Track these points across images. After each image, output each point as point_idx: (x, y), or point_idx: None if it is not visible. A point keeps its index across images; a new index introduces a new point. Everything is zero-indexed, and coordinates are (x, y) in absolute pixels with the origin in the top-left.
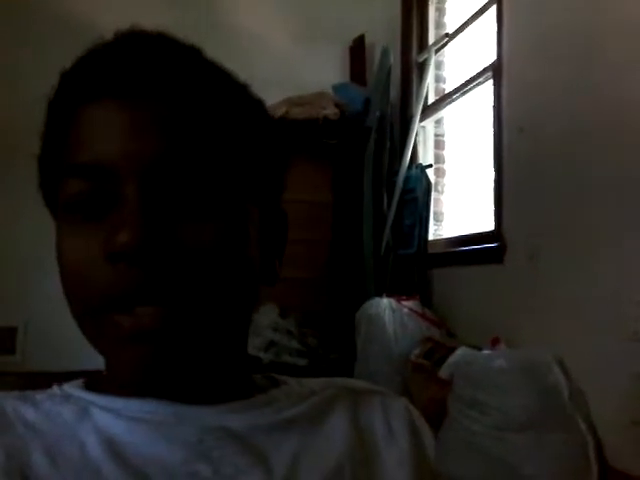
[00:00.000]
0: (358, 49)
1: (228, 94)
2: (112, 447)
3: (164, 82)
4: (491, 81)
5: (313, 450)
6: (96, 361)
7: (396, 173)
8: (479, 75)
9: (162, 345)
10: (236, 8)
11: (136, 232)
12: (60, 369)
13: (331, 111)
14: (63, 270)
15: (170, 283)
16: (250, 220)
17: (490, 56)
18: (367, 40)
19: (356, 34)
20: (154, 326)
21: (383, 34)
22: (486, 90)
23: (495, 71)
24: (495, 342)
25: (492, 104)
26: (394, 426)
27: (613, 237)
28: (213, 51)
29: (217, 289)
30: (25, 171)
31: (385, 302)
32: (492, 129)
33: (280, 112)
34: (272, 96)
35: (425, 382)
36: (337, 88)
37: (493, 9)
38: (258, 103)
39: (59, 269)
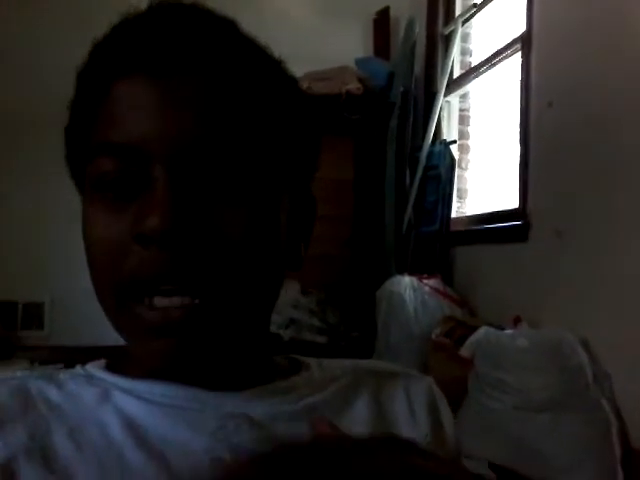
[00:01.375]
0: (382, 22)
1: (264, 72)
2: (134, 430)
3: (200, 59)
4: (520, 53)
5: None
6: (119, 336)
7: (419, 149)
8: (507, 47)
9: (187, 337)
10: None
11: (166, 216)
12: (87, 344)
13: (354, 86)
14: (90, 248)
15: (198, 268)
16: (281, 205)
17: (519, 27)
18: (392, 13)
19: (380, 6)
20: (180, 318)
21: (408, 6)
22: (514, 63)
23: (524, 42)
24: (517, 321)
25: (520, 77)
26: (416, 409)
27: None
28: None
29: (245, 277)
30: (53, 150)
31: (406, 280)
32: (519, 103)
33: (302, 87)
34: (294, 70)
35: (446, 361)
36: (360, 62)
37: None
38: (292, 81)
39: (85, 247)
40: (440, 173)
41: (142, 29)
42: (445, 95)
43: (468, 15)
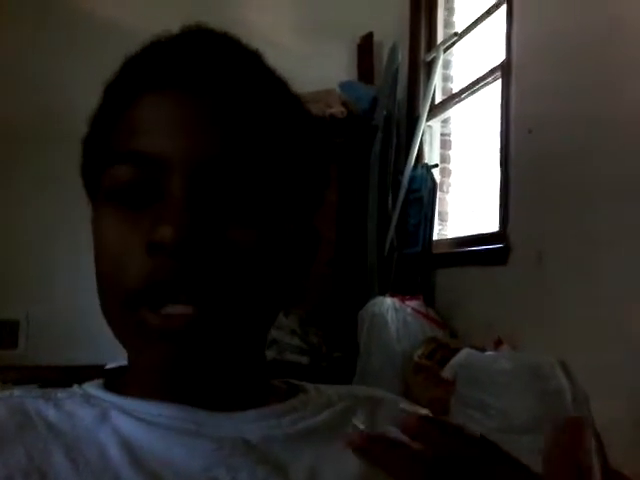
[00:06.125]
0: (366, 47)
1: (285, 104)
2: (131, 452)
3: (228, 82)
4: (500, 81)
5: (332, 461)
6: (97, 356)
7: (402, 172)
8: (488, 75)
9: (188, 345)
10: (244, 4)
11: (179, 226)
12: (62, 363)
13: (337, 109)
14: (100, 256)
15: (205, 281)
16: (289, 231)
17: (499, 56)
18: (375, 38)
19: (364, 32)
20: (181, 326)
21: (391, 32)
22: (494, 90)
23: (504, 71)
24: (498, 344)
25: (500, 104)
26: None
27: (621, 240)
28: None
29: (249, 294)
30: (30, 166)
31: (388, 301)
32: (500, 129)
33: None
34: None
35: (427, 382)
36: (344, 86)
37: (503, 8)
38: (310, 116)
39: (95, 254)
40: (422, 196)
41: (173, 49)
42: (427, 120)
43: (449, 43)
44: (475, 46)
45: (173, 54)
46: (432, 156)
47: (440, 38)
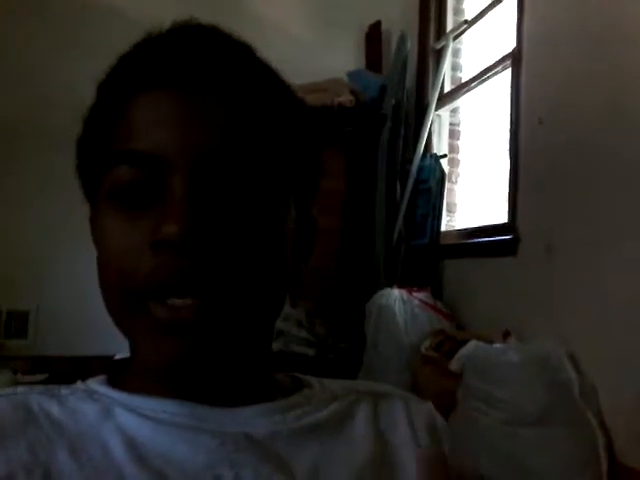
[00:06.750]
0: (374, 36)
1: (277, 95)
2: (134, 448)
3: (221, 77)
4: (510, 70)
5: (335, 457)
6: (106, 346)
7: (410, 162)
8: (498, 63)
9: (196, 338)
10: None
11: (183, 223)
12: (71, 353)
13: (346, 98)
14: (104, 255)
15: (210, 276)
16: (289, 223)
17: (509, 44)
18: (383, 26)
19: (372, 20)
20: (189, 318)
21: (400, 20)
22: (504, 79)
23: (514, 59)
24: (506, 335)
25: (510, 94)
26: (418, 432)
27: (631, 232)
28: None
29: (253, 288)
30: (37, 158)
31: (396, 293)
32: (509, 119)
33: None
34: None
35: (434, 374)
36: (352, 75)
37: None
38: (302, 105)
39: (98, 254)
40: (430, 186)
41: (166, 46)
42: (436, 109)
43: (459, 31)
44: (485, 34)
45: (165, 52)
46: (441, 146)
47: (450, 26)
